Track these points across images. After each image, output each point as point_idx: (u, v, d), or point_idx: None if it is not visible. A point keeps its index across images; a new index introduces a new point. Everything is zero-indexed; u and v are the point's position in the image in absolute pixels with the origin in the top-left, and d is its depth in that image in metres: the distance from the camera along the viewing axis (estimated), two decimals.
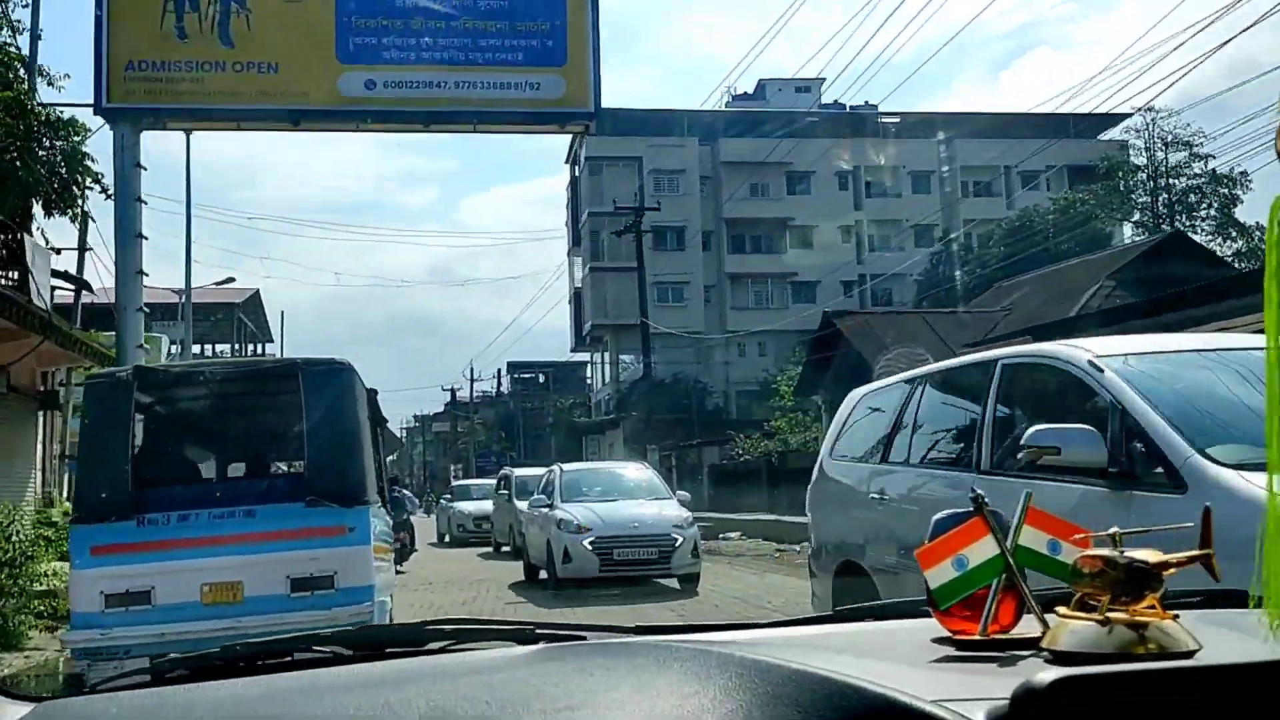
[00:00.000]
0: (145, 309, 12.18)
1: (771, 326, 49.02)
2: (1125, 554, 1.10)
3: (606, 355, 54.61)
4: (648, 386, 44.22)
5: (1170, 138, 45.16)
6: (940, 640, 1.26)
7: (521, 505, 15.62)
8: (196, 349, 48.58)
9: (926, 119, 55.39)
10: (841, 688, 0.91)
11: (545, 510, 12.64)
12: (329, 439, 6.36)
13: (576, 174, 56.43)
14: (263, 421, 8.00)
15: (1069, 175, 51.89)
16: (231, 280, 31.42)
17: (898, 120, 56.40)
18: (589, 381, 62.75)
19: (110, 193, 12.49)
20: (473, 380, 58.92)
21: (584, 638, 1.41)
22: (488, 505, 21.21)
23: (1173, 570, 1.10)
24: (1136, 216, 46.85)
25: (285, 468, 8.26)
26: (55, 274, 16.63)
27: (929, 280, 48.20)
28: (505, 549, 18.44)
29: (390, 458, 20.83)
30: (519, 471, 19.55)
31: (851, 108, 53.36)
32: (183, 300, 30.60)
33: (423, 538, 22.02)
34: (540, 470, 18.55)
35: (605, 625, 1.57)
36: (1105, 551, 1.12)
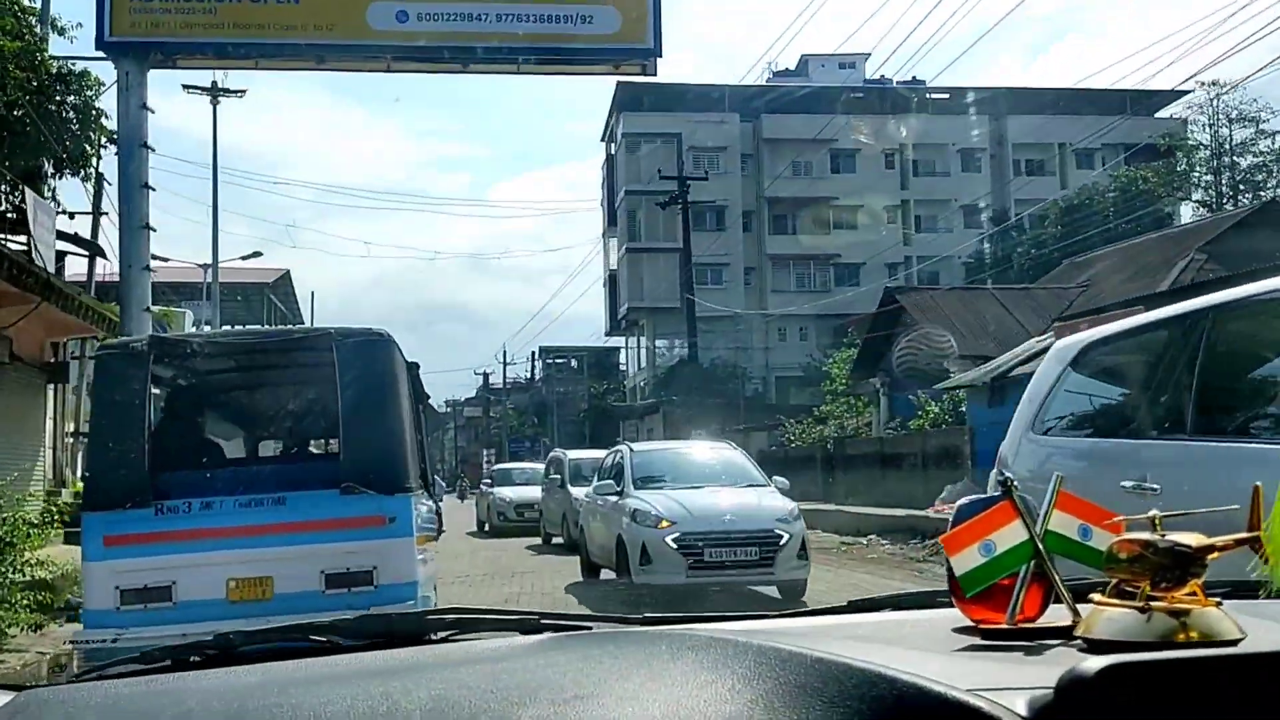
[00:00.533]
0: (152, 269, 10.93)
1: (815, 310, 47.49)
2: (1166, 537, 1.05)
3: (642, 339, 53.19)
4: (690, 370, 42.83)
5: (1235, 113, 43.15)
6: (964, 630, 1.20)
7: (577, 492, 14.04)
8: (225, 329, 47.84)
9: (975, 95, 53.35)
10: (870, 676, 0.87)
11: (613, 499, 10.49)
12: (366, 418, 5.69)
13: (612, 152, 54.93)
14: (293, 398, 7.19)
15: (1125, 153, 49.83)
16: (258, 255, 30.30)
17: (945, 96, 54.42)
18: (623, 366, 61.49)
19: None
20: (505, 364, 57.75)
21: (590, 627, 1.38)
22: (533, 492, 19.62)
23: (1217, 554, 1.05)
24: (1198, 195, 44.94)
25: (319, 449, 7.62)
26: (64, 236, 15.49)
27: (980, 262, 46.48)
28: (557, 540, 16.78)
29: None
30: (572, 454, 17.74)
31: (898, 83, 51.70)
32: (207, 279, 29.58)
33: (460, 526, 20.66)
34: (595, 452, 17.20)
35: (610, 615, 1.52)
36: (1145, 535, 1.08)
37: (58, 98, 16.19)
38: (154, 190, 10.94)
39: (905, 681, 0.84)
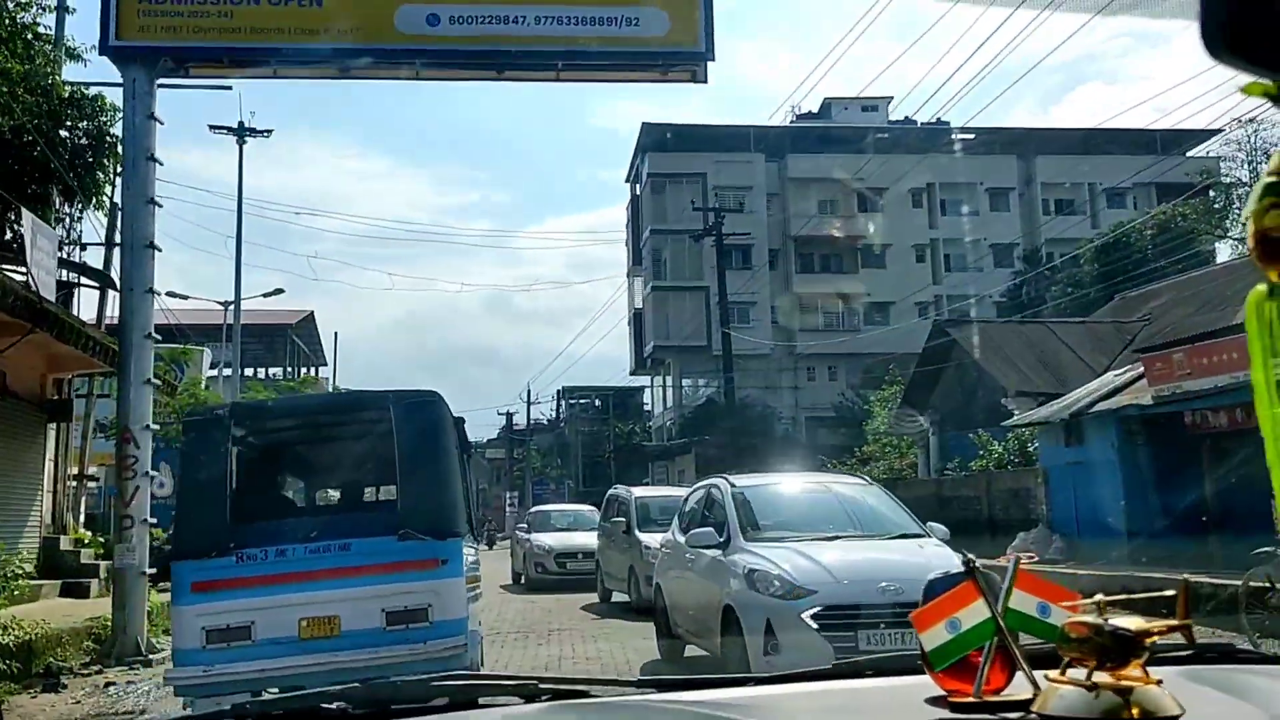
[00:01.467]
0: (159, 291, 9.93)
1: (846, 348, 46.33)
2: (1110, 622, 1.13)
3: (668, 379, 52.06)
4: (720, 408, 41.64)
5: (1274, 148, 42.02)
6: (935, 700, 1.29)
7: (648, 540, 11.90)
8: (248, 372, 47.20)
9: (1003, 135, 52.49)
10: None
11: (713, 554, 7.75)
12: (420, 470, 6.37)
13: (637, 192, 54.25)
14: (355, 453, 7.63)
15: (1158, 191, 48.80)
16: (280, 292, 29.52)
17: (972, 136, 53.63)
18: (647, 406, 60.32)
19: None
20: (529, 403, 56.66)
21: (588, 693, 1.43)
22: (579, 538, 17.29)
23: (1154, 638, 1.13)
24: (1236, 231, 43.81)
25: (377, 499, 8.35)
26: (71, 265, 14.60)
27: (1015, 300, 45.30)
28: (620, 598, 13.93)
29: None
30: (639, 492, 15.06)
31: (923, 124, 50.97)
32: (228, 319, 28.80)
33: (491, 577, 18.65)
34: (666, 490, 15.30)
35: (607, 679, 1.58)
36: (1091, 619, 1.15)
37: (69, 123, 15.42)
38: (160, 206, 9.98)
39: None
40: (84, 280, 15.09)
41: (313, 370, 58.17)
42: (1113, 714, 1.07)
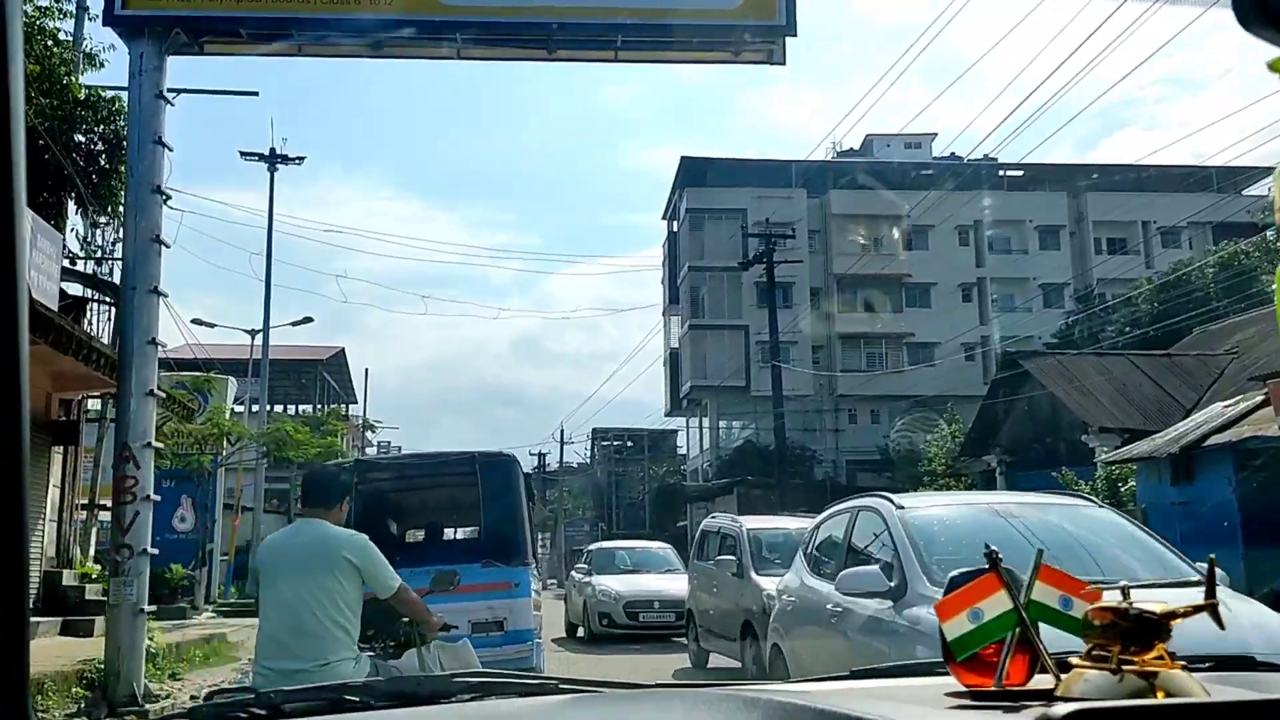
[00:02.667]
0: (165, 292, 8.82)
1: (889, 389, 44.78)
2: (1134, 605, 1.13)
3: (705, 420, 50.64)
4: (758, 451, 40.18)
5: None
6: (955, 694, 1.28)
7: (767, 584, 9.40)
8: (278, 409, 46.39)
9: (1051, 172, 51.17)
10: None
11: (878, 607, 5.68)
12: (498, 512, 8.22)
13: (674, 229, 53.27)
14: (446, 499, 9.57)
15: (1213, 230, 47.16)
16: (309, 320, 28.71)
17: (1020, 174, 52.36)
18: (681, 449, 58.87)
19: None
20: (563, 443, 55.35)
21: (604, 691, 1.44)
22: (652, 582, 14.86)
23: (1179, 619, 1.12)
24: None
25: (463, 535, 10.19)
26: (77, 275, 13.62)
27: (1065, 340, 43.67)
28: (726, 661, 11.17)
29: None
30: (751, 523, 11.82)
31: (969, 160, 49.74)
32: (255, 353, 27.94)
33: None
34: (780, 521, 12.17)
35: (624, 682, 1.56)
36: (1114, 603, 1.16)
37: (83, 126, 14.55)
38: (169, 198, 8.90)
39: None
40: (93, 294, 14.08)
41: (344, 407, 57.45)
42: (1138, 697, 1.06)
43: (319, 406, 53.06)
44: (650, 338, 55.16)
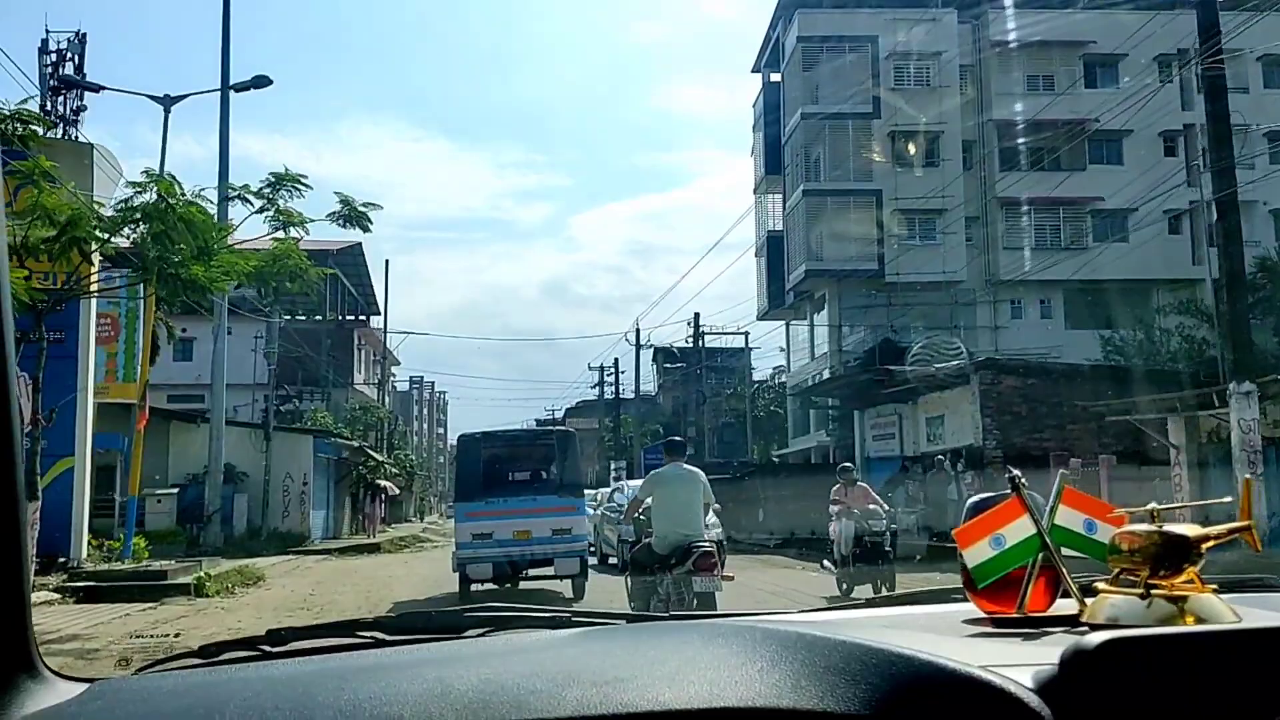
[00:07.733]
0: None
1: (1065, 273, 33.40)
2: (1165, 528, 1.09)
3: (816, 317, 39.79)
4: (902, 352, 29.18)
5: None
6: (976, 620, 1.28)
7: None
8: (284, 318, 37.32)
9: None
10: (889, 657, 0.92)
11: None
12: (564, 464, 14.17)
13: (774, 78, 41.63)
14: (537, 454, 14.92)
15: None
16: (268, 81, 19.24)
17: None
18: (762, 368, 48.31)
19: None
20: (639, 346, 45.00)
21: (620, 623, 1.44)
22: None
23: (1212, 542, 1.09)
24: None
25: (545, 477, 14.50)
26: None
27: None
28: None
29: None
30: None
31: None
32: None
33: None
34: None
35: (639, 614, 1.64)
36: (1144, 526, 1.13)
37: None
38: None
39: (922, 660, 0.90)
40: None
41: (364, 318, 48.45)
42: (1167, 621, 1.04)
43: (333, 314, 43.78)
44: (738, 224, 44.06)
